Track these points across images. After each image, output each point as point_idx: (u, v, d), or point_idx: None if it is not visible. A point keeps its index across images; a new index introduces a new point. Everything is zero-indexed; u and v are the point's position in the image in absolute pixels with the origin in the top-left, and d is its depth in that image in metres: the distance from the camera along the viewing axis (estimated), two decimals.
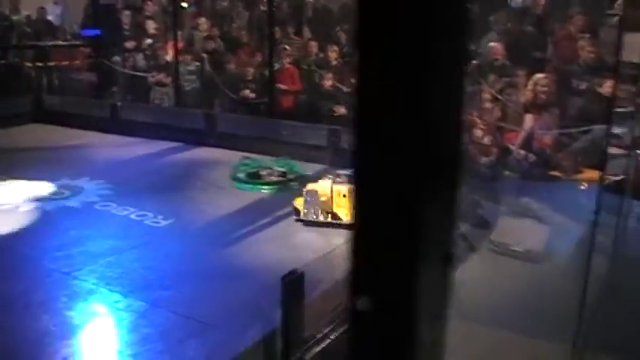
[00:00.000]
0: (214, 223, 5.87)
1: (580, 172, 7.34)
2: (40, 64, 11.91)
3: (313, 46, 10.72)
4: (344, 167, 7.21)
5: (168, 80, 11.05)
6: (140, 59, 12.09)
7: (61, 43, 12.61)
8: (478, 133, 8.12)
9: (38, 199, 6.45)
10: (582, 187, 6.77)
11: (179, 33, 11.26)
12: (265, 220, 5.91)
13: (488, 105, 8.58)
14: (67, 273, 4.78)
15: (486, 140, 8.20)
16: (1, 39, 11.98)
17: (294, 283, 3.74)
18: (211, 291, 4.52)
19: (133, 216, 6.02)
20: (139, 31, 12.56)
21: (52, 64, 12.15)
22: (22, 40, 12.47)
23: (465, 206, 6.27)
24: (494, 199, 6.65)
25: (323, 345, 3.93)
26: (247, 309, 4.07)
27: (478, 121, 8.21)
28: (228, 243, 5.40)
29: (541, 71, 8.10)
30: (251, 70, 10.71)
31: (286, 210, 6.10)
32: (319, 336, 3.93)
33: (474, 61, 8.47)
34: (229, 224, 5.81)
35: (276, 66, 10.24)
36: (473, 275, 4.87)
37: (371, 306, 0.68)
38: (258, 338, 3.71)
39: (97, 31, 11.41)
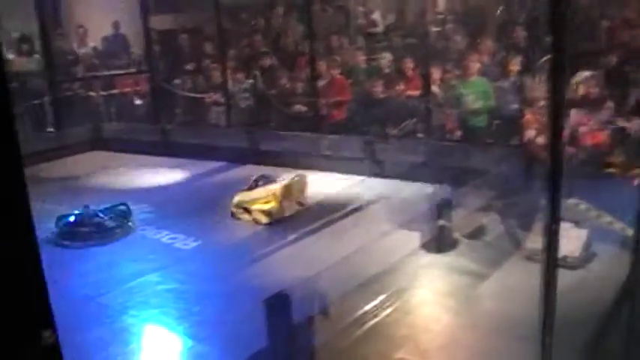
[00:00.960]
0: (241, 245, 5.92)
1: (636, 168, 6.96)
2: (103, 93, 12.41)
3: (360, 54, 10.70)
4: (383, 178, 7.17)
5: (223, 100, 11.24)
6: (199, 80, 12.38)
7: (122, 72, 13.06)
8: (531, 133, 7.82)
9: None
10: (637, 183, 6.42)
11: (233, 52, 11.42)
12: (291, 237, 5.90)
13: (541, 103, 8.28)
14: (92, 297, 4.92)
15: (540, 140, 7.91)
16: (68, 72, 12.52)
17: (278, 304, 3.73)
18: (224, 312, 4.58)
19: (164, 239, 6.16)
20: (198, 53, 12.87)
21: (115, 91, 12.63)
22: (89, 71, 13.01)
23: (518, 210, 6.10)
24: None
25: None
26: (240, 329, 4.09)
27: (532, 120, 7.93)
28: (248, 263, 5.43)
29: (590, 65, 7.76)
30: (301, 85, 10.76)
31: (316, 225, 6.09)
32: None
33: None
34: (255, 245, 5.86)
35: (325, 78, 10.26)
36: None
37: None
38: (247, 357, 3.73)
39: None
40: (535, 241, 5.56)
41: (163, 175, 8.63)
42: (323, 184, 7.37)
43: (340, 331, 4.21)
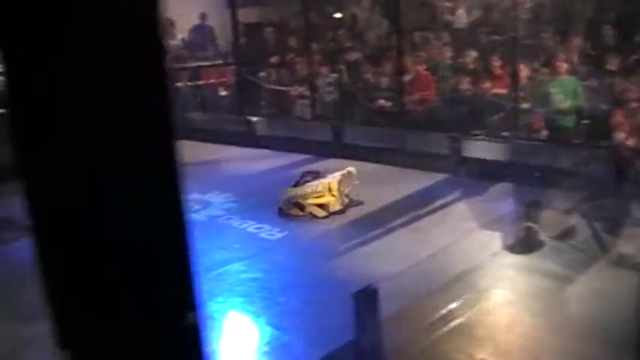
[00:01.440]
0: (326, 237, 5.99)
1: None
2: (190, 84, 12.73)
3: (446, 50, 10.59)
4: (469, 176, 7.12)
5: (308, 93, 11.36)
6: (283, 74, 12.54)
7: (209, 64, 13.35)
8: (622, 135, 7.61)
9: None
10: None
11: (317, 46, 11.50)
12: (377, 232, 5.94)
13: (633, 105, 8.04)
14: None
15: (630, 142, 7.69)
16: None
17: (365, 299, 3.78)
18: (308, 304, 4.66)
19: (250, 229, 6.30)
20: (282, 47, 13.02)
21: (201, 82, 12.93)
22: (176, 62, 13.35)
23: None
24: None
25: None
26: (325, 322, 4.15)
27: (623, 121, 7.71)
28: (333, 256, 5.50)
29: None
30: (386, 79, 10.75)
31: (401, 220, 6.13)
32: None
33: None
34: (341, 237, 5.91)
35: (410, 74, 10.23)
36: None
37: None
38: (332, 351, 3.78)
39: None
40: (625, 246, 5.46)
41: (248, 165, 8.80)
42: (407, 181, 7.37)
43: (423, 328, 4.23)
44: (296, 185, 6.85)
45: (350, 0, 13.52)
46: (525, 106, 8.21)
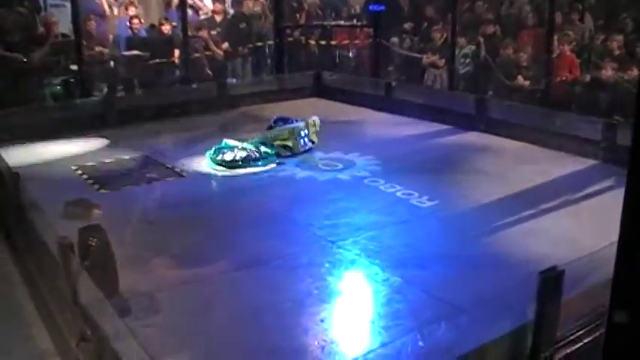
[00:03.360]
0: (478, 209, 5.83)
1: None
2: (323, 43, 12.71)
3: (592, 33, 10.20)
4: (620, 165, 6.78)
5: (441, 62, 11.15)
6: (416, 41, 12.35)
7: (342, 23, 13.29)
8: None
9: (314, 169, 6.93)
10: None
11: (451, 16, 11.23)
12: (530, 212, 5.74)
13: None
14: (333, 242, 5.07)
15: None
16: (290, 19, 12.91)
17: (552, 280, 3.62)
18: (465, 276, 4.53)
19: (399, 194, 6.19)
20: (417, 13, 12.82)
21: (334, 42, 12.89)
22: (309, 20, 13.36)
23: None
24: None
25: (574, 347, 3.77)
26: (500, 300, 4.02)
27: None
28: (489, 231, 5.35)
29: None
30: (525, 56, 10.43)
31: (554, 203, 5.90)
32: (572, 337, 3.77)
33: None
34: (493, 212, 5.75)
35: (555, 53, 9.88)
36: None
37: (628, 319, 0.66)
38: (508, 330, 3.64)
39: (382, 7, 11.83)
40: None
41: (387, 130, 8.68)
42: (554, 163, 7.10)
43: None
44: (269, 128, 7.78)
45: None
46: None
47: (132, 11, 11.88)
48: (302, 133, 7.53)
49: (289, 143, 7.41)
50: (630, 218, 0.70)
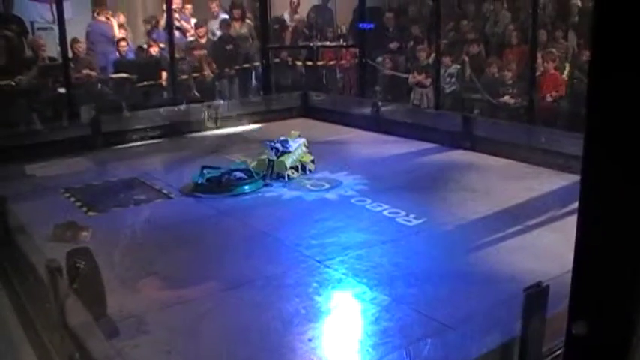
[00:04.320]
0: (465, 227, 5.88)
1: None
2: (309, 63, 12.81)
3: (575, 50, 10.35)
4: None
5: (428, 82, 11.25)
6: (402, 60, 12.46)
7: (329, 44, 13.40)
8: None
9: (301, 189, 6.97)
10: None
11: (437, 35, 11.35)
12: (516, 228, 5.79)
13: None
14: (320, 261, 5.10)
15: None
16: (276, 39, 13.01)
17: (536, 296, 3.66)
18: (453, 293, 4.56)
19: (386, 212, 6.22)
20: (402, 33, 12.94)
21: (320, 63, 12.99)
22: (295, 40, 13.48)
23: None
24: None
25: None
26: (487, 316, 4.05)
27: None
28: (476, 248, 5.39)
29: None
30: (510, 74, 10.56)
31: (540, 219, 5.95)
32: (558, 352, 3.80)
33: None
34: (480, 229, 5.79)
35: (539, 70, 10.00)
36: None
37: (587, 330, 0.68)
38: (494, 346, 3.67)
39: (372, 25, 11.99)
40: None
41: (374, 149, 8.74)
42: (540, 180, 7.18)
43: None
44: (285, 153, 7.37)
45: None
46: None
47: (121, 34, 11.95)
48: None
49: (311, 157, 7.62)
50: (585, 226, 0.74)
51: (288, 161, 7.30)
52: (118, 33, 12.10)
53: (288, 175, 7.24)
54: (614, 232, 0.74)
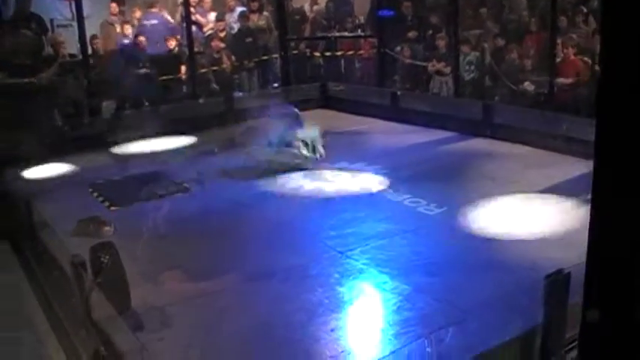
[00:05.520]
0: (485, 215, 5.86)
1: None
2: (328, 54, 12.80)
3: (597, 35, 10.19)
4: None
5: (447, 70, 11.19)
6: (420, 49, 12.39)
7: (347, 34, 13.37)
8: None
9: (321, 180, 6.98)
10: None
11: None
12: (537, 216, 5.77)
13: None
14: (341, 252, 5.12)
15: None
16: (295, 31, 13.00)
17: (558, 283, 3.65)
18: (474, 282, 4.56)
19: (406, 202, 6.23)
20: (421, 22, 12.86)
21: (338, 53, 12.97)
22: (314, 31, 13.46)
23: None
24: None
25: None
26: (508, 303, 4.05)
27: None
28: (497, 236, 5.37)
29: None
30: (530, 61, 10.47)
31: (560, 207, 5.92)
32: None
33: None
34: (501, 217, 5.77)
35: (560, 57, 9.91)
36: None
37: (600, 318, 0.69)
38: (517, 334, 3.67)
39: (392, 12, 11.96)
40: None
41: (394, 138, 8.73)
42: (561, 167, 7.12)
43: None
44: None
45: None
46: None
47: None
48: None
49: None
50: (598, 218, 0.74)
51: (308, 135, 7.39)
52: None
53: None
54: (627, 222, 0.74)
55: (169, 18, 12.24)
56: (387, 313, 4.20)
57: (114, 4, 12.27)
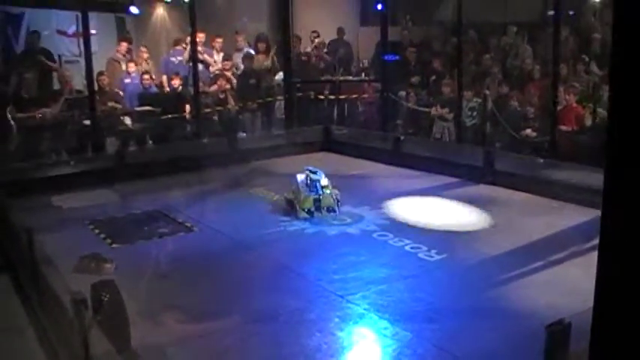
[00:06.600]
0: (487, 262, 5.86)
1: None
2: (331, 97, 12.92)
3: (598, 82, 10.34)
4: None
5: (450, 115, 11.28)
6: (423, 94, 12.52)
7: (351, 78, 13.51)
8: None
9: (323, 223, 6.99)
10: None
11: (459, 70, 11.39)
12: (539, 263, 5.77)
13: None
14: (342, 296, 5.11)
15: None
16: (300, 74, 13.14)
17: (559, 333, 3.64)
18: (475, 330, 4.54)
19: (407, 247, 6.24)
20: (424, 67, 13.01)
21: (342, 97, 13.09)
22: (318, 75, 13.61)
23: None
24: None
25: None
26: (510, 353, 4.04)
27: None
28: (498, 284, 5.37)
29: None
30: (532, 109, 10.57)
31: (562, 255, 5.93)
32: None
33: None
34: (501, 264, 5.78)
35: (562, 104, 10.00)
36: None
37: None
38: None
39: (397, 57, 12.11)
40: None
41: (396, 183, 8.77)
42: (561, 215, 7.15)
43: None
44: (324, 187, 7.35)
45: (497, 25, 13.38)
46: None
47: (144, 66, 12.14)
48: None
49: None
50: (606, 264, 0.77)
51: (333, 193, 7.35)
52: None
53: (338, 205, 7.32)
54: (636, 268, 0.76)
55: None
56: (387, 359, 4.19)
57: (124, 43, 12.44)
